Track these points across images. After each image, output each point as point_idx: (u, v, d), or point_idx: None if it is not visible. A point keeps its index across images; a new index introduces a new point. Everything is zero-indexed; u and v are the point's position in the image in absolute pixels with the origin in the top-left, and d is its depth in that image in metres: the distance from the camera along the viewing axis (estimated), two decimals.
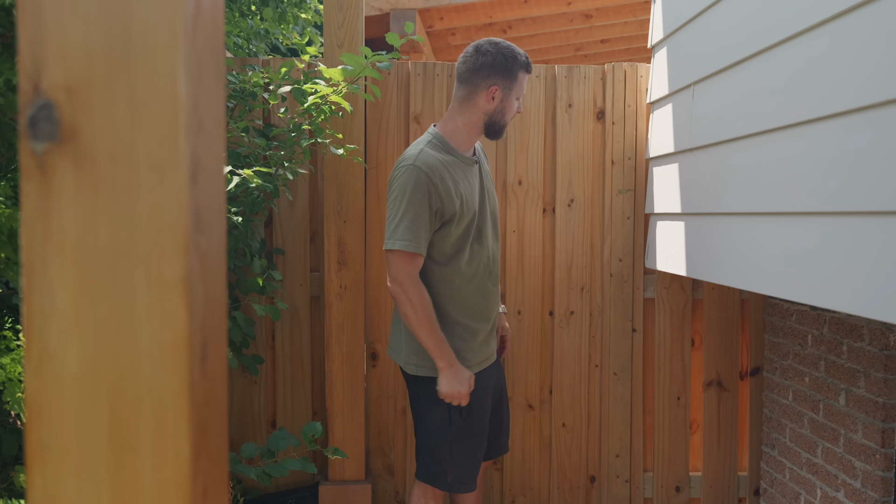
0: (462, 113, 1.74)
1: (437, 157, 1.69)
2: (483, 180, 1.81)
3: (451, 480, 1.75)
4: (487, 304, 1.80)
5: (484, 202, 1.80)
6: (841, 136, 1.25)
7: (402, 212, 1.64)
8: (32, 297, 0.46)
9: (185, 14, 0.46)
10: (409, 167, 1.67)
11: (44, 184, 0.45)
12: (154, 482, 0.46)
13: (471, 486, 1.77)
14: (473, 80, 1.71)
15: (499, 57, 1.70)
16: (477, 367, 1.77)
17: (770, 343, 2.27)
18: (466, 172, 1.75)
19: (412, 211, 1.64)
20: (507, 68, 1.71)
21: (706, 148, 1.83)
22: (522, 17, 4.09)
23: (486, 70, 1.70)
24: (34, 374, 0.46)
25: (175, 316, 0.46)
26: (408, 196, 1.64)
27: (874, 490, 1.74)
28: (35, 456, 0.46)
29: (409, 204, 1.64)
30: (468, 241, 1.74)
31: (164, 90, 0.46)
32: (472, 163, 1.78)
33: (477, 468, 1.79)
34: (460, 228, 1.71)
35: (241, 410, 2.29)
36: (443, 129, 1.77)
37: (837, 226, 1.26)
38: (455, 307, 1.74)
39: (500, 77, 1.71)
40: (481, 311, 1.78)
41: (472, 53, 1.72)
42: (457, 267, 1.72)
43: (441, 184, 1.66)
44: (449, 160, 1.72)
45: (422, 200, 1.64)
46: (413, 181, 1.64)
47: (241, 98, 2.08)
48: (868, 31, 1.17)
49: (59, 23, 0.45)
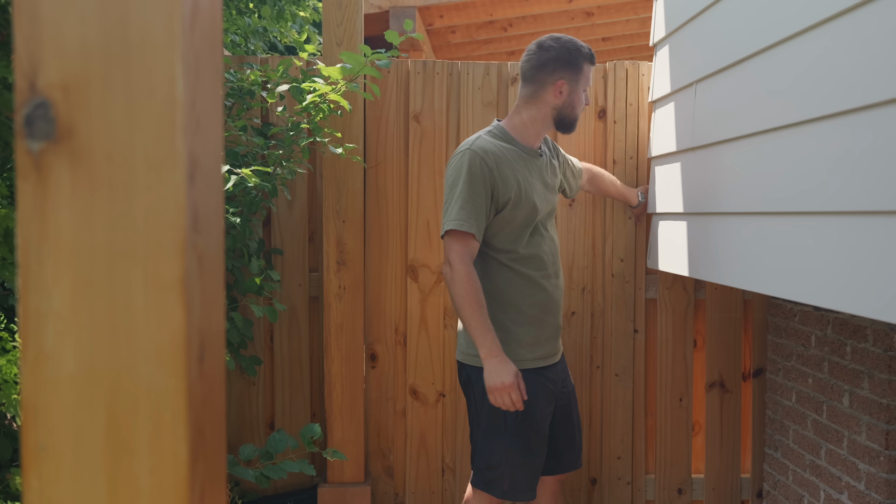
0: (528, 109, 1.74)
1: (494, 143, 1.70)
2: (544, 175, 1.79)
3: (507, 487, 1.68)
4: (550, 297, 1.76)
5: (544, 195, 1.78)
6: (845, 136, 1.24)
7: (457, 195, 1.64)
8: (28, 297, 0.45)
9: (182, 12, 0.45)
10: (464, 152, 1.67)
11: (40, 183, 0.45)
12: (151, 484, 0.45)
13: (528, 496, 1.70)
14: (539, 76, 1.71)
15: (562, 51, 1.70)
16: (533, 364, 1.72)
17: (773, 344, 2.27)
18: (528, 163, 1.74)
19: (466, 193, 1.63)
20: (572, 61, 1.70)
21: (709, 147, 1.82)
22: (523, 14, 4.09)
23: (551, 65, 1.70)
24: (30, 376, 0.45)
25: (172, 316, 0.45)
26: (462, 179, 1.64)
27: (878, 492, 1.73)
28: (31, 458, 0.45)
29: (463, 186, 1.63)
30: (527, 230, 1.72)
31: (162, 89, 0.45)
32: (535, 154, 1.77)
33: (535, 477, 1.72)
34: (519, 216, 1.69)
35: (239, 412, 2.29)
36: (507, 123, 1.77)
37: (841, 225, 1.25)
38: (515, 295, 1.70)
39: (566, 70, 1.71)
40: (545, 304, 1.74)
41: (534, 51, 1.72)
42: (517, 253, 1.71)
43: (497, 168, 1.65)
44: (508, 148, 1.72)
45: (476, 184, 1.63)
46: (468, 164, 1.64)
47: (239, 97, 2.08)
48: (872, 29, 1.17)
49: (55, 21, 0.45)
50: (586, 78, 1.75)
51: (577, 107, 1.75)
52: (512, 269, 1.71)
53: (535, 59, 1.71)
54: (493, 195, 1.66)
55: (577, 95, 1.74)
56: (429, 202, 2.30)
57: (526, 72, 1.74)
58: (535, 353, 1.73)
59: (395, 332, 2.32)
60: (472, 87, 2.29)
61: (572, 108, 1.75)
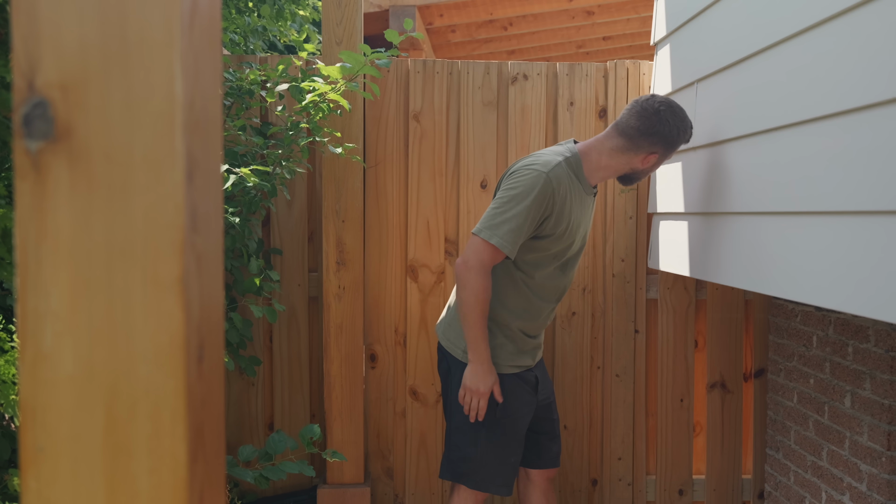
0: (611, 157, 1.74)
1: (568, 174, 1.70)
2: (590, 212, 1.83)
3: (480, 479, 1.74)
4: (543, 322, 1.83)
5: (584, 233, 1.82)
6: (846, 135, 1.24)
7: (514, 213, 1.63)
8: (27, 297, 0.45)
9: (181, 11, 0.45)
10: (540, 174, 1.65)
11: (38, 183, 0.45)
12: (150, 485, 0.45)
13: (503, 490, 1.75)
14: (639, 141, 1.70)
15: (674, 131, 1.69)
16: (512, 370, 1.77)
17: (774, 344, 2.26)
18: (583, 200, 1.76)
19: (523, 217, 1.63)
20: (673, 142, 1.72)
21: (709, 146, 1.82)
22: (524, 13, 4.08)
23: (656, 138, 1.69)
24: (28, 376, 0.45)
25: (171, 317, 0.45)
26: (528, 201, 1.63)
27: (880, 493, 1.73)
28: (29, 459, 0.45)
29: (524, 209, 1.63)
30: (555, 262, 1.75)
31: (161, 88, 0.45)
32: (592, 193, 1.80)
33: (509, 475, 1.77)
34: (555, 248, 1.72)
35: (239, 413, 2.29)
36: (584, 153, 1.75)
37: (842, 225, 1.25)
38: (514, 313, 1.75)
39: (663, 147, 1.71)
40: (536, 326, 1.80)
41: (652, 114, 1.68)
42: (532, 278, 1.74)
43: (560, 201, 1.67)
44: (575, 183, 1.73)
45: (536, 211, 1.64)
46: (539, 189, 1.63)
47: (238, 96, 2.07)
48: (873, 28, 1.16)
49: (53, 20, 0.45)
50: (671, 154, 1.77)
51: (646, 169, 1.78)
52: (520, 288, 1.74)
53: (647, 125, 1.68)
54: (543, 224, 1.68)
55: (653, 160, 1.75)
56: (429, 202, 2.30)
57: (631, 126, 1.70)
58: (516, 363, 1.78)
59: (395, 333, 2.32)
60: (473, 86, 2.29)
61: (646, 173, 1.80)
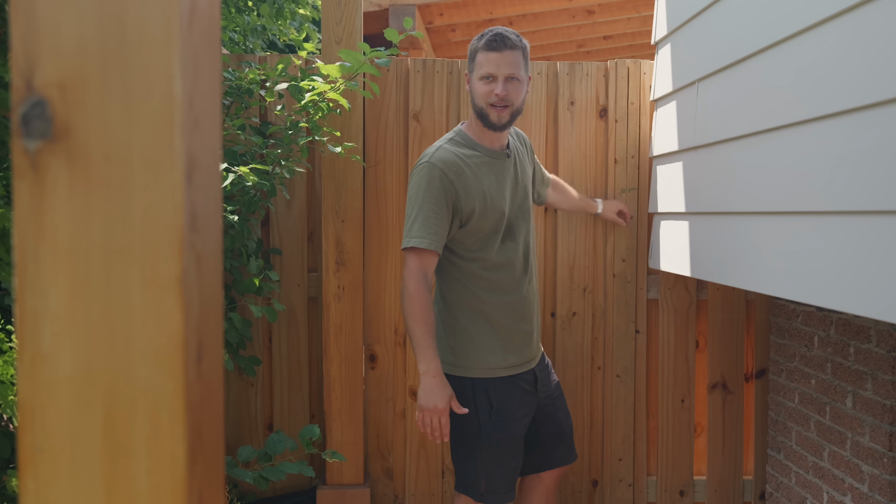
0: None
1: (456, 152, 1.67)
2: (518, 174, 1.77)
3: (484, 490, 1.70)
4: (524, 300, 1.74)
5: (516, 197, 1.75)
6: (848, 134, 1.24)
7: (417, 210, 1.62)
8: (25, 297, 0.45)
9: (180, 10, 0.45)
10: (424, 165, 1.65)
11: (36, 183, 0.45)
12: (149, 486, 0.45)
13: (506, 497, 1.72)
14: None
15: (471, 43, 1.72)
16: (504, 372, 1.72)
17: (776, 345, 2.26)
18: (493, 167, 1.71)
19: (427, 208, 1.61)
20: (471, 51, 1.72)
21: (711, 146, 1.82)
22: (524, 12, 4.08)
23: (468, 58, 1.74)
24: (27, 377, 0.45)
25: (170, 317, 0.45)
26: (422, 194, 1.62)
27: (882, 494, 1.73)
28: (28, 459, 0.45)
29: (423, 202, 1.62)
30: (497, 237, 1.70)
31: (160, 87, 0.45)
32: (501, 157, 1.73)
33: (511, 478, 1.73)
34: (486, 225, 1.68)
35: (238, 413, 2.28)
36: (468, 126, 1.77)
37: (844, 225, 1.25)
38: (485, 304, 1.69)
39: (469, 62, 1.73)
40: (517, 309, 1.73)
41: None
42: (486, 261, 1.69)
43: (458, 180, 1.63)
44: (471, 154, 1.69)
45: (437, 197, 1.61)
46: (427, 178, 1.62)
47: (238, 95, 2.07)
48: (876, 27, 1.16)
49: (52, 19, 0.44)
50: (479, 65, 1.66)
51: (476, 97, 1.67)
52: (483, 276, 1.70)
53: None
54: (456, 208, 1.64)
55: (473, 85, 1.69)
56: None
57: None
58: (508, 362, 1.72)
59: (395, 333, 2.31)
60: None
61: (473, 99, 1.69)
